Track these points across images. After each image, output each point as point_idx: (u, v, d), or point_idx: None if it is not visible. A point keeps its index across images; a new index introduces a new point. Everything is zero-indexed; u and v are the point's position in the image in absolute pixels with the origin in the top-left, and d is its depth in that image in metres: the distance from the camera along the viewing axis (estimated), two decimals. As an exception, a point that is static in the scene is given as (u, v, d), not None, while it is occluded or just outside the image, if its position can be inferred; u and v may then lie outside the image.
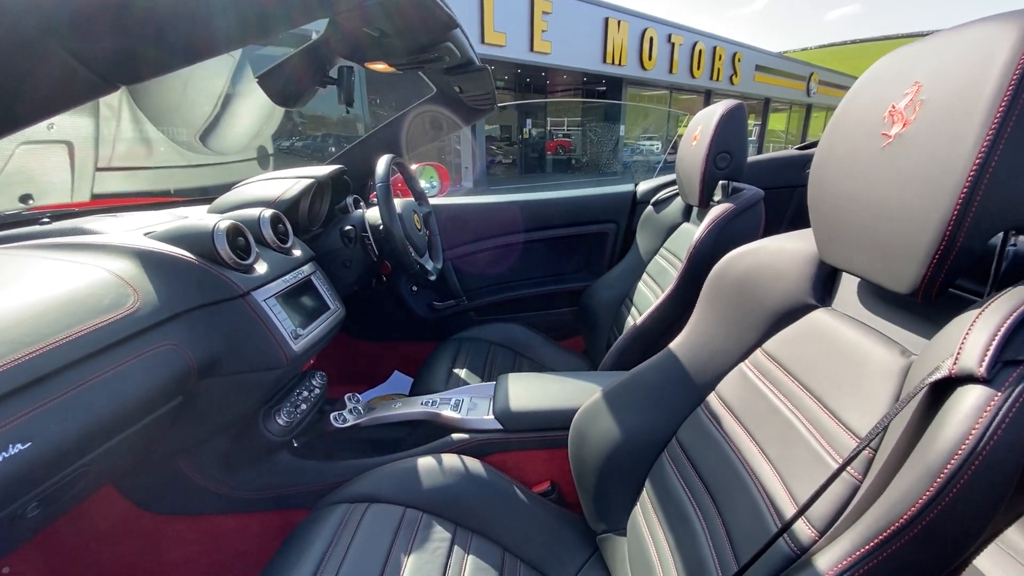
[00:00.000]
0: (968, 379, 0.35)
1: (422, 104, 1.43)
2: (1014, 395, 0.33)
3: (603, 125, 14.91)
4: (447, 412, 1.01)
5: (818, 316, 0.60)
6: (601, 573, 0.81)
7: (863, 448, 0.41)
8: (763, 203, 1.16)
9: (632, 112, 15.21)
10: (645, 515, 0.73)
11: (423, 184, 1.77)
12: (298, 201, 1.19)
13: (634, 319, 1.35)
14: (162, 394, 0.73)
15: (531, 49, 10.83)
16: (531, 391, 1.02)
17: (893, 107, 0.47)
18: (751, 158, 1.58)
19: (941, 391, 0.38)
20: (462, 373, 1.39)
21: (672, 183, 1.58)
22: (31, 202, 1.07)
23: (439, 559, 0.78)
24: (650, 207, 1.57)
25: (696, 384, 0.74)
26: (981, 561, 0.79)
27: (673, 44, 13.68)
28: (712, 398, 0.71)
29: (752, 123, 20.35)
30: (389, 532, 0.80)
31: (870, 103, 0.50)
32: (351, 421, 1.04)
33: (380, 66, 0.86)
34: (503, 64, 11.18)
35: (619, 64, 12.52)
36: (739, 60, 16.26)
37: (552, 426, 0.95)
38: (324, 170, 1.31)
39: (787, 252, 0.66)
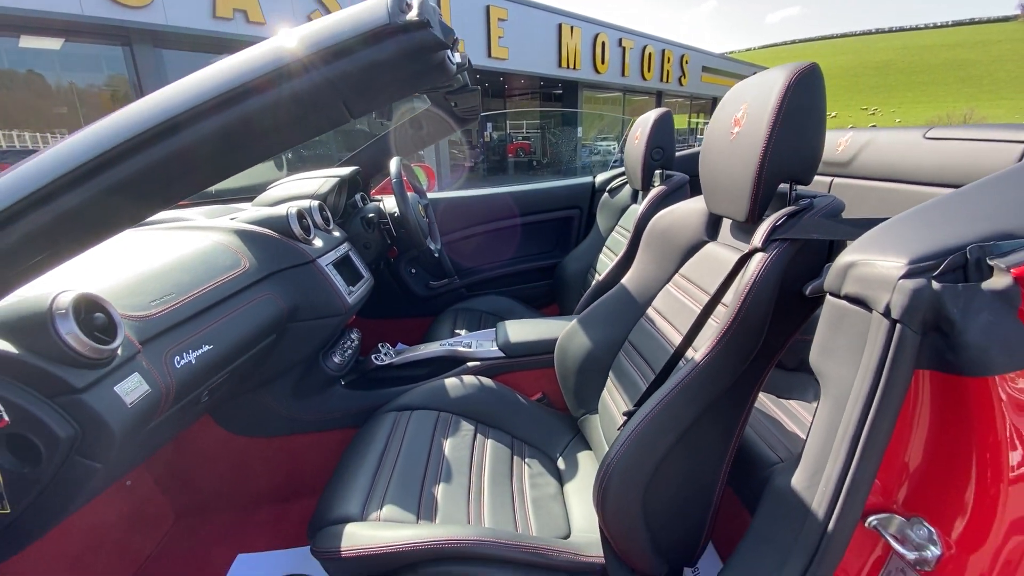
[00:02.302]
0: (756, 250, 0.71)
1: (418, 116, 1.75)
2: (772, 255, 0.69)
3: (561, 128, 15.43)
4: (461, 348, 1.34)
5: (709, 247, 0.95)
6: (582, 445, 1.15)
7: (717, 303, 0.76)
8: (689, 185, 1.54)
9: (589, 114, 15.81)
10: (609, 392, 1.07)
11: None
12: (328, 195, 1.49)
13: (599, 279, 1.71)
14: (267, 330, 1.03)
15: (489, 55, 11.19)
16: (525, 329, 1.36)
17: (735, 117, 0.83)
18: (688, 152, 1.96)
19: (749, 259, 0.73)
20: (462, 333, 1.71)
21: (623, 174, 1.95)
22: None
23: (468, 442, 1.11)
24: (606, 194, 1.93)
25: (639, 303, 1.09)
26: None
27: (624, 48, 14.35)
28: (650, 311, 1.06)
29: (703, 122, 21.44)
30: (430, 427, 1.12)
31: (726, 114, 0.86)
32: (387, 360, 1.35)
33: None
34: (462, 70, 11.46)
35: (574, 68, 13.05)
36: (687, 62, 17.16)
37: (542, 351, 1.29)
38: (345, 170, 1.61)
39: (691, 210, 1.02)
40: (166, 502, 1.23)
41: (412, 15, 0.53)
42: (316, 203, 1.31)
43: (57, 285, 0.63)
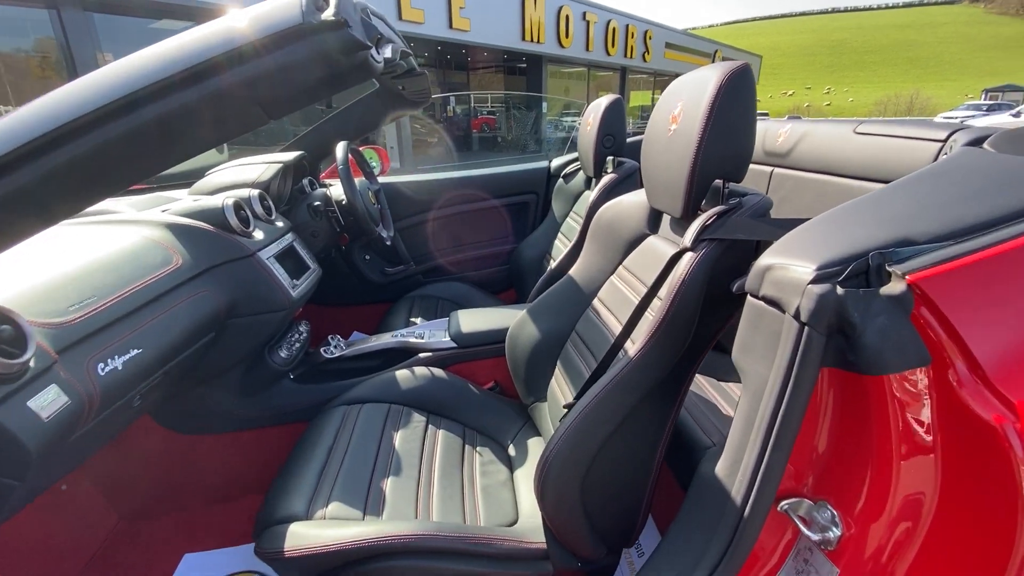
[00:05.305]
0: (686, 249, 0.74)
1: (367, 96, 1.69)
2: (701, 255, 0.71)
3: (527, 103, 15.22)
4: (413, 339, 1.33)
5: (650, 240, 0.97)
6: (532, 432, 1.18)
7: (653, 297, 0.79)
8: (639, 172, 1.56)
9: (554, 88, 15.63)
10: (557, 382, 1.09)
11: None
12: (270, 182, 1.43)
13: (552, 266, 1.72)
14: (203, 328, 1.00)
15: (450, 26, 10.85)
16: (477, 318, 1.36)
17: (673, 115, 0.84)
18: (638, 138, 1.98)
19: (680, 257, 0.76)
20: (417, 321, 1.70)
21: (577, 159, 1.95)
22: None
23: (419, 433, 1.11)
24: (561, 180, 1.94)
25: (585, 294, 1.11)
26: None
27: (588, 22, 14.18)
28: (595, 301, 1.08)
29: (665, 98, 21.49)
30: (380, 420, 1.12)
31: (665, 110, 0.87)
32: (337, 353, 1.34)
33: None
34: (423, 41, 11.13)
35: (538, 42, 12.83)
36: (650, 38, 17.14)
37: (493, 340, 1.30)
38: (289, 155, 1.54)
39: (634, 203, 1.04)
40: (107, 504, 1.19)
41: (328, 14, 0.51)
42: (256, 192, 1.26)
43: None
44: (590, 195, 1.66)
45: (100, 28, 6.90)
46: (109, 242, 0.93)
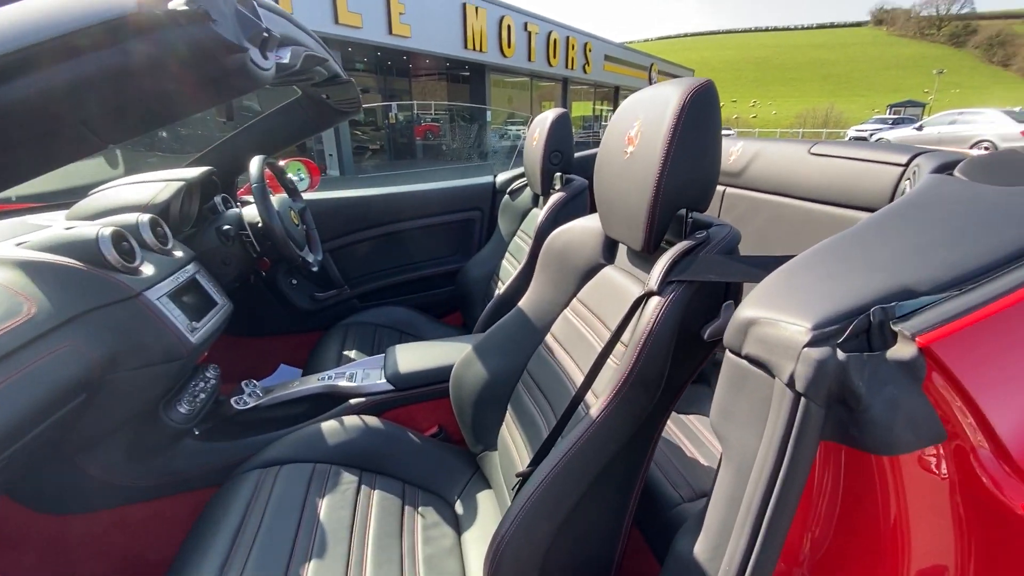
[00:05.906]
0: (651, 293, 0.64)
1: (288, 105, 1.51)
2: (669, 300, 0.62)
3: (471, 111, 15.14)
4: (343, 383, 1.17)
5: (606, 271, 0.88)
6: (482, 484, 1.05)
7: (615, 342, 0.68)
8: (589, 190, 1.48)
9: (497, 97, 15.65)
10: (508, 429, 0.97)
11: (292, 178, 1.83)
12: (169, 204, 1.23)
13: (500, 290, 1.61)
14: (67, 391, 0.80)
15: (389, 32, 10.61)
16: (416, 355, 1.22)
17: (629, 135, 0.74)
18: (587, 152, 1.90)
19: (645, 302, 0.66)
20: (351, 354, 1.53)
21: (524, 175, 1.85)
22: None
23: (349, 498, 0.96)
24: (507, 196, 1.82)
25: (537, 329, 1.00)
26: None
27: (530, 32, 14.33)
28: (548, 337, 0.97)
29: (607, 109, 22.16)
30: (302, 485, 0.96)
31: (619, 130, 0.77)
32: (251, 403, 1.15)
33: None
34: (361, 46, 10.81)
35: (480, 50, 12.81)
36: (590, 50, 17.55)
37: (436, 380, 1.16)
38: (192, 172, 1.34)
39: (588, 229, 0.94)
40: None
41: (178, 3, 0.37)
42: (147, 217, 1.05)
43: None
44: (538, 213, 1.56)
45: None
46: None
